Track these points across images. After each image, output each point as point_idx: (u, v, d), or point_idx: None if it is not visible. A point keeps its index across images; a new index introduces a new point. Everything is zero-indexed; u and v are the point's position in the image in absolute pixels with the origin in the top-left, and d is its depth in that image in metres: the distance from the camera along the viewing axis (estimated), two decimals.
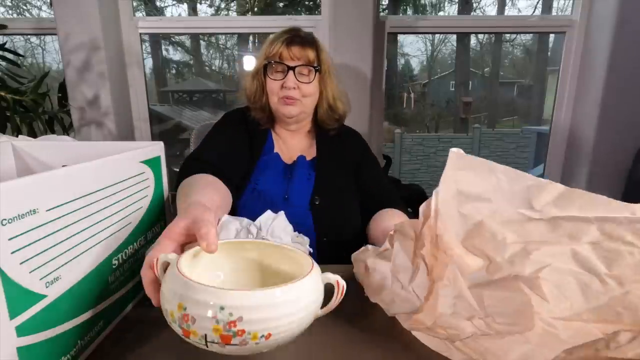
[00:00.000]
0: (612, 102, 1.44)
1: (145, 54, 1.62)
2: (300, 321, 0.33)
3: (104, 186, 0.43)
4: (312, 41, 0.83)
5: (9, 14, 1.65)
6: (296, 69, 0.79)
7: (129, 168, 0.49)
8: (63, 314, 0.36)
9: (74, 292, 0.38)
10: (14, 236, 0.31)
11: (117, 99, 1.52)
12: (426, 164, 5.68)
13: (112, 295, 0.44)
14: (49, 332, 0.35)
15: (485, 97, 1.56)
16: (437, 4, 1.58)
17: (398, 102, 5.97)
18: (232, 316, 0.30)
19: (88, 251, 0.40)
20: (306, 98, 0.82)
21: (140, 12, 1.61)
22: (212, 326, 0.30)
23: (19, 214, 0.32)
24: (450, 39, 1.52)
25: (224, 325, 0.30)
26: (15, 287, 0.31)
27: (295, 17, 1.56)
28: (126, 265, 0.47)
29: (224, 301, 0.30)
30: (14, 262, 0.31)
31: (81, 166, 0.41)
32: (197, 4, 1.73)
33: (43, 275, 0.34)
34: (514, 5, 1.56)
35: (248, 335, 0.30)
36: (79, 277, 0.39)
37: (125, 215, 0.47)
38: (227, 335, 0.30)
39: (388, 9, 1.71)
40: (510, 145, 5.63)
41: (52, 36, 1.58)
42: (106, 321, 0.43)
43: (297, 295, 0.33)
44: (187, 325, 0.31)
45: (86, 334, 0.40)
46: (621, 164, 1.49)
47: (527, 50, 1.53)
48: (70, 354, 0.37)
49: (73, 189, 0.39)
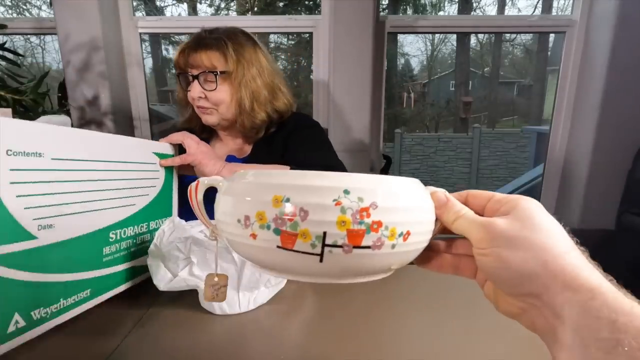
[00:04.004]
0: (612, 102, 1.44)
1: (145, 53, 1.61)
2: (429, 230, 0.25)
3: (112, 159, 0.46)
4: (218, 42, 0.75)
5: (8, 13, 1.65)
6: (199, 77, 0.75)
7: (140, 153, 0.52)
8: (50, 264, 0.37)
9: (65, 247, 0.39)
10: (16, 169, 0.34)
11: (117, 99, 1.51)
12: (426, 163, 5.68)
13: (105, 268, 0.45)
14: (33, 275, 0.36)
15: (485, 96, 1.56)
16: (437, 4, 1.58)
17: (398, 102, 5.97)
18: (363, 202, 0.21)
19: (85, 213, 0.41)
20: (219, 106, 0.77)
21: (140, 12, 1.61)
22: (335, 217, 0.21)
23: (25, 152, 0.35)
24: (450, 39, 1.53)
25: (353, 214, 0.21)
26: (8, 216, 0.33)
27: (295, 17, 1.56)
28: (124, 244, 0.49)
29: (348, 183, 0.22)
30: (11, 193, 0.33)
31: (95, 133, 0.44)
32: (197, 4, 1.73)
33: (37, 217, 0.36)
34: (514, 5, 1.56)
35: (385, 232, 0.22)
36: (72, 234, 0.40)
37: (130, 195, 0.49)
38: (356, 232, 0.21)
39: (388, 9, 1.71)
40: (510, 145, 5.64)
41: (52, 36, 1.58)
42: (93, 291, 0.44)
43: (426, 195, 0.26)
44: (291, 225, 0.21)
45: (70, 296, 0.40)
46: (621, 164, 1.49)
47: (527, 50, 1.54)
48: (51, 309, 0.38)
49: (82, 150, 0.41)
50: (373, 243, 0.21)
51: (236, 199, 0.24)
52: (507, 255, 0.22)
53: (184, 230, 0.52)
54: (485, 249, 0.23)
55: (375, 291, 0.57)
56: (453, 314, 0.51)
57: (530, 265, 0.21)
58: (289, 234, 0.21)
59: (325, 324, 0.48)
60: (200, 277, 0.50)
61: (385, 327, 0.47)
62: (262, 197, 0.22)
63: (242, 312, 0.51)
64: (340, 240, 0.21)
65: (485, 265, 0.23)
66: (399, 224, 0.22)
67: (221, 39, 0.75)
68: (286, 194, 0.21)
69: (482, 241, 0.23)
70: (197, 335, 0.46)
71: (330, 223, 0.21)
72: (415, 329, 0.48)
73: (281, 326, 0.49)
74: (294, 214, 0.21)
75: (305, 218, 0.21)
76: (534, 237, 0.21)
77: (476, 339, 0.46)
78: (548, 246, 0.21)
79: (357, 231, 0.21)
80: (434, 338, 0.45)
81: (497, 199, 0.25)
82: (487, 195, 0.26)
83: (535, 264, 0.21)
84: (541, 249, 0.21)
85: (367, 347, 0.43)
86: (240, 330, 0.47)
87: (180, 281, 0.50)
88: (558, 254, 0.21)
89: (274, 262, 0.23)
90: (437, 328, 0.48)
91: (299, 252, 0.21)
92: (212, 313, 0.50)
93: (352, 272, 0.23)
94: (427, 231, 0.25)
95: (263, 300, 0.53)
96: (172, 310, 0.51)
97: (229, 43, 0.75)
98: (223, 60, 0.75)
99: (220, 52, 0.75)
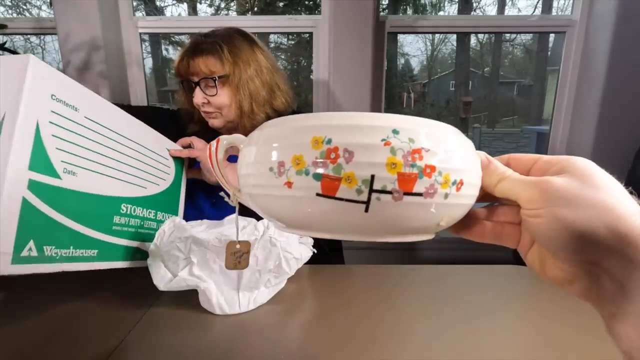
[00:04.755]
0: (612, 102, 1.44)
1: (145, 53, 1.61)
2: (479, 185, 0.23)
3: (133, 139, 0.52)
4: (212, 48, 0.75)
5: (8, 13, 1.65)
6: (200, 83, 0.75)
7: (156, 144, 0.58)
8: (68, 208, 0.41)
9: (82, 198, 0.43)
10: (56, 112, 0.39)
11: (117, 99, 1.51)
12: None
13: (113, 235, 0.49)
14: (52, 212, 0.39)
15: (485, 96, 1.55)
16: (437, 4, 1.58)
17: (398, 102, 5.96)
18: (414, 143, 0.19)
19: (103, 176, 0.46)
20: (222, 109, 0.78)
21: (140, 12, 1.61)
22: (384, 159, 0.18)
23: (65, 101, 0.40)
24: (450, 39, 1.52)
25: (405, 155, 0.19)
26: (42, 149, 0.38)
27: (295, 17, 1.56)
28: (132, 221, 0.53)
29: (396, 123, 0.19)
30: (48, 130, 0.38)
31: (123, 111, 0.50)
32: (197, 4, 1.73)
33: (64, 160, 0.40)
34: (514, 5, 1.56)
35: (438, 177, 0.19)
36: (90, 189, 0.44)
37: (143, 178, 0.55)
38: (408, 176, 0.19)
39: (388, 9, 1.71)
40: (510, 145, 5.63)
41: (52, 36, 1.58)
42: (99, 254, 0.47)
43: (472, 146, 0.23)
44: (334, 169, 0.18)
45: (80, 248, 0.44)
46: (621, 164, 1.49)
47: (527, 50, 1.54)
48: (61, 251, 0.41)
49: (111, 120, 0.47)
50: (426, 190, 0.19)
51: (267, 145, 0.21)
52: (567, 214, 0.19)
53: (184, 230, 0.52)
54: (539, 209, 0.20)
55: (374, 291, 0.57)
56: (453, 314, 0.51)
57: (594, 226, 0.19)
58: (331, 179, 0.18)
59: (325, 324, 0.48)
60: (200, 277, 0.50)
61: (385, 327, 0.47)
62: (299, 139, 0.19)
63: (242, 312, 0.51)
64: (390, 185, 0.18)
65: (538, 228, 0.21)
66: (452, 171, 0.20)
67: (216, 42, 0.75)
68: (327, 134, 0.19)
69: (535, 201, 0.20)
70: (197, 335, 0.46)
71: (379, 165, 0.18)
72: (415, 329, 0.48)
73: (281, 326, 0.49)
74: (338, 156, 0.18)
75: (351, 160, 0.18)
76: (598, 196, 0.19)
77: (476, 338, 0.46)
78: (613, 206, 0.19)
79: (409, 175, 0.18)
80: (434, 338, 0.45)
81: (546, 160, 0.23)
82: (532, 157, 0.24)
83: (600, 225, 0.19)
84: (606, 208, 0.19)
85: (366, 347, 0.43)
86: (240, 330, 0.47)
87: (180, 281, 0.50)
88: (625, 215, 0.19)
89: (311, 215, 0.20)
90: (437, 328, 0.48)
91: (342, 199, 0.19)
92: (212, 313, 0.50)
93: (398, 226, 0.20)
94: (477, 185, 0.23)
95: (263, 300, 0.53)
96: (172, 310, 0.51)
97: (224, 46, 0.75)
98: (220, 64, 0.75)
99: (216, 56, 0.75)
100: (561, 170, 0.21)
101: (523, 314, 0.55)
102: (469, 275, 0.64)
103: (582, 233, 0.19)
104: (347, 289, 0.59)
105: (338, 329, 0.47)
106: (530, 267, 0.24)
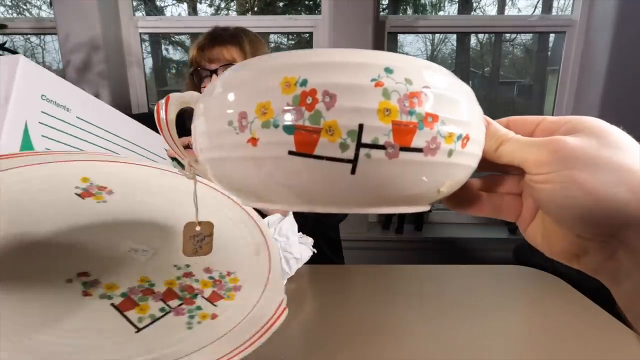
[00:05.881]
0: (612, 102, 1.44)
1: (145, 53, 1.61)
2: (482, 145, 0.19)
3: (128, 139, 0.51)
4: (234, 38, 0.78)
5: (8, 13, 1.65)
6: (219, 70, 0.76)
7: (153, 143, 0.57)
8: None
9: None
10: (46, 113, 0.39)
11: (117, 99, 1.51)
12: None
13: None
14: None
15: (485, 96, 1.55)
16: (437, 4, 1.58)
17: None
18: (412, 84, 0.15)
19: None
20: None
21: (140, 12, 1.61)
22: (375, 104, 0.14)
23: (56, 102, 0.40)
24: (450, 39, 1.52)
25: (401, 99, 0.14)
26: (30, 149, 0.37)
27: (295, 17, 1.56)
28: None
29: (390, 60, 0.15)
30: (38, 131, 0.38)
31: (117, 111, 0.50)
32: (197, 4, 1.73)
33: None
34: (514, 4, 1.56)
35: (442, 129, 0.15)
36: None
37: None
38: (406, 125, 0.14)
39: (388, 9, 1.71)
40: None
41: (52, 36, 1.58)
42: None
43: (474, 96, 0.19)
44: (311, 117, 0.14)
45: None
46: None
47: (527, 50, 1.54)
48: None
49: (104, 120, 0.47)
50: (427, 144, 0.15)
51: (225, 93, 0.16)
52: (586, 178, 0.16)
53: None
54: (549, 173, 0.17)
55: (375, 291, 0.57)
56: (453, 314, 0.51)
57: (616, 190, 0.16)
58: (307, 131, 0.14)
59: (325, 324, 0.48)
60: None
61: (385, 327, 0.47)
62: (265, 83, 0.15)
63: None
64: (383, 138, 0.14)
65: (549, 195, 0.18)
66: (458, 123, 0.16)
67: (237, 34, 0.80)
68: (302, 74, 0.14)
69: (545, 165, 0.17)
70: None
71: (368, 111, 0.14)
72: (415, 329, 0.48)
73: (281, 326, 0.49)
74: (315, 100, 0.14)
75: (332, 105, 0.14)
76: (618, 157, 0.16)
77: (476, 338, 0.46)
78: (637, 168, 0.16)
79: (407, 124, 0.14)
80: (434, 338, 0.45)
81: (552, 120, 0.20)
82: (536, 118, 0.21)
83: (624, 190, 0.16)
84: (629, 171, 0.16)
85: (366, 347, 0.43)
86: None
87: None
88: None
89: (282, 182, 0.16)
90: (437, 328, 0.48)
91: (322, 157, 0.14)
92: None
93: (392, 192, 0.16)
94: (482, 143, 0.19)
95: None
96: None
97: (245, 38, 0.79)
98: (241, 54, 0.78)
99: (238, 46, 0.78)
100: (571, 130, 0.19)
101: (523, 314, 0.55)
102: (469, 275, 0.64)
103: (604, 200, 0.16)
104: (347, 289, 0.59)
105: (338, 329, 0.46)
106: (532, 242, 0.22)
